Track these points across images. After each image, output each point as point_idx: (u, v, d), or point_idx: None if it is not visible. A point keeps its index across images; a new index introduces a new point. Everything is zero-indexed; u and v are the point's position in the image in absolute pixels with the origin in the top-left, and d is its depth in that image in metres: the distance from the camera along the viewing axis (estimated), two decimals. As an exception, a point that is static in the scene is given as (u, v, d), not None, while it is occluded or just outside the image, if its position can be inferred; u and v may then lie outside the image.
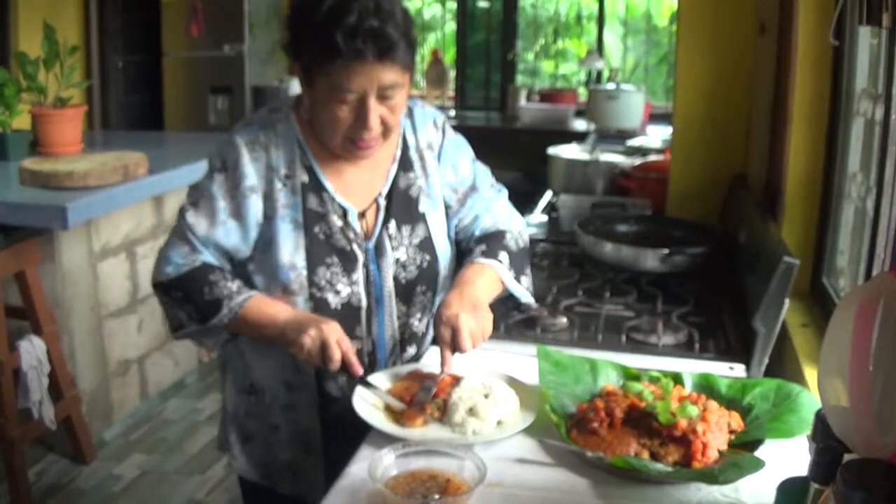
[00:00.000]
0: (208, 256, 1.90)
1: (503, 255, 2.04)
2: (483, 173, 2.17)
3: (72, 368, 3.77)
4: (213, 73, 6.08)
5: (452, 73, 7.03)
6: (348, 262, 1.92)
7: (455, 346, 1.81)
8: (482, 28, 7.16)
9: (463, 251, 2.11)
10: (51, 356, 3.53)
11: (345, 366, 1.77)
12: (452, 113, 6.83)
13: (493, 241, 2.07)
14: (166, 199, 4.20)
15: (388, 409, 1.76)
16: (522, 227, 2.19)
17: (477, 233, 2.12)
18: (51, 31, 4.09)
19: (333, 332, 1.77)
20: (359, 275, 1.93)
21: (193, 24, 5.99)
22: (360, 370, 1.79)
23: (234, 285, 1.87)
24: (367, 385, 1.80)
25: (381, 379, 1.86)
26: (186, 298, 1.88)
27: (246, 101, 6.03)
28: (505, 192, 2.23)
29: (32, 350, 3.43)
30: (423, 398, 1.75)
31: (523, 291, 2.07)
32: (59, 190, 3.52)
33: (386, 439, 1.62)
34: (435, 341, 1.97)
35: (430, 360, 1.96)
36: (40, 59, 4.05)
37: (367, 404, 1.76)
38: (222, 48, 6.01)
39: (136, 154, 3.91)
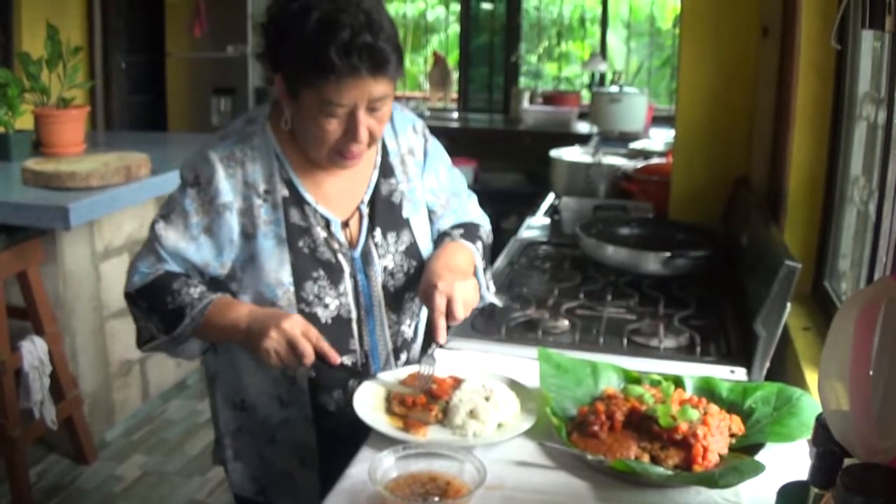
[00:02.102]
0: (174, 267, 1.86)
1: (479, 244, 2.07)
2: (460, 177, 2.20)
3: (73, 369, 3.78)
4: (216, 73, 6.07)
5: (456, 75, 7.03)
6: (334, 274, 1.89)
7: (449, 315, 1.82)
8: (485, 30, 7.15)
9: (437, 237, 2.12)
10: (52, 356, 3.53)
11: (320, 358, 1.75)
12: (455, 115, 6.83)
13: (469, 229, 2.11)
14: (169, 199, 4.19)
15: (390, 412, 1.75)
16: (490, 229, 2.23)
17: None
18: (54, 31, 4.10)
19: (297, 325, 1.73)
20: (346, 286, 1.90)
21: (197, 24, 5.99)
22: (336, 358, 1.77)
23: (196, 291, 1.82)
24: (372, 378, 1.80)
25: (381, 382, 1.86)
26: (151, 308, 1.85)
27: (249, 102, 6.02)
28: (475, 197, 2.26)
29: (34, 350, 3.43)
30: (423, 384, 1.77)
31: (485, 283, 2.09)
32: (61, 190, 3.52)
33: (386, 441, 1.62)
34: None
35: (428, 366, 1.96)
36: (43, 59, 4.06)
37: (368, 407, 1.75)
38: (225, 49, 6.01)
39: (138, 155, 3.92)
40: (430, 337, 1.87)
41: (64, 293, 3.72)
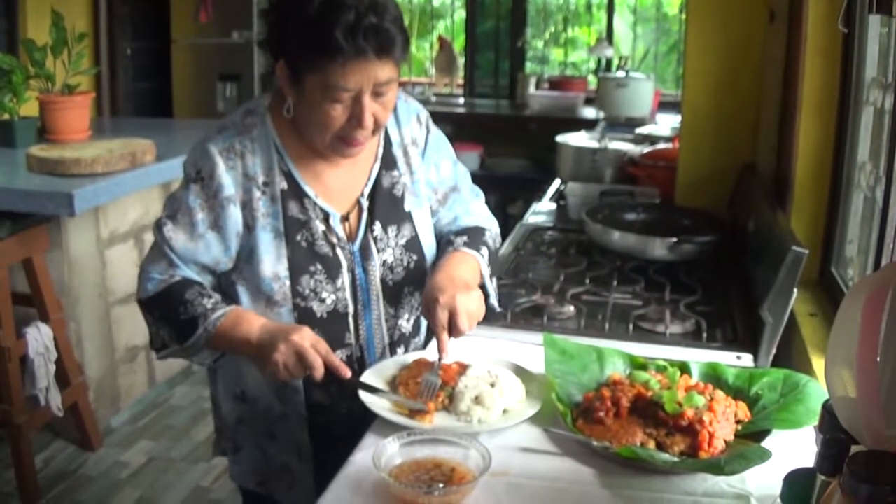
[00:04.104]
0: (187, 271, 1.84)
1: (484, 251, 2.02)
2: (465, 174, 2.14)
3: (79, 355, 3.79)
4: (221, 60, 6.06)
5: (462, 61, 7.01)
6: (331, 268, 1.86)
7: (453, 329, 1.78)
8: (492, 15, 7.13)
9: (439, 243, 2.07)
10: (58, 343, 3.54)
11: (331, 371, 1.72)
12: (461, 101, 6.82)
13: (474, 235, 2.05)
14: (174, 186, 4.15)
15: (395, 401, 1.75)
16: (498, 231, 2.17)
17: (455, 229, 2.09)
18: (59, 17, 4.09)
19: (306, 338, 1.70)
20: (343, 280, 1.88)
21: (202, 10, 5.97)
22: (347, 372, 1.74)
23: (210, 302, 1.80)
24: (369, 389, 1.76)
25: (386, 368, 1.86)
26: (164, 317, 1.83)
27: (255, 88, 6.01)
28: (482, 196, 2.21)
29: (39, 337, 3.44)
30: (432, 382, 1.73)
31: (494, 292, 2.05)
32: (66, 177, 3.51)
33: (391, 428, 1.62)
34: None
35: (433, 351, 1.95)
36: (48, 45, 4.05)
37: (373, 394, 1.75)
38: (231, 35, 5.99)
39: (143, 141, 3.91)
40: (432, 333, 1.85)
41: (69, 279, 3.73)
